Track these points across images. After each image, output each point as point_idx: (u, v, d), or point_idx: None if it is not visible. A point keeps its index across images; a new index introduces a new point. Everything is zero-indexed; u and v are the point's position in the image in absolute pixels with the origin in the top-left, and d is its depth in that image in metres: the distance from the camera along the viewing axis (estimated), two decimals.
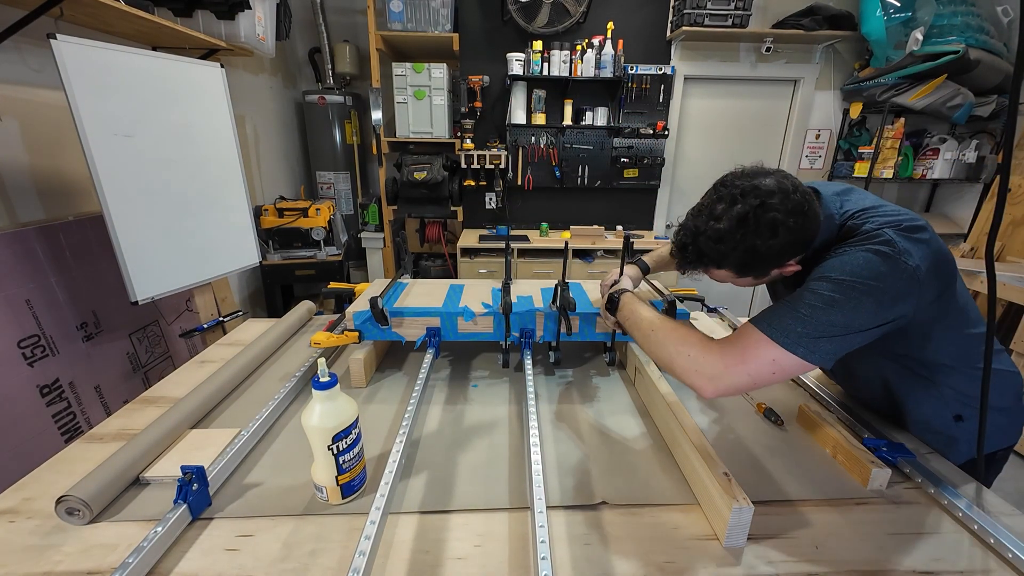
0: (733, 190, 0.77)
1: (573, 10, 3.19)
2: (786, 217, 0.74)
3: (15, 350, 1.58)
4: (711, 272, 0.86)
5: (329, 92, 3.42)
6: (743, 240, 0.75)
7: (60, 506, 0.71)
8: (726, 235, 0.76)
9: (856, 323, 0.73)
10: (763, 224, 0.74)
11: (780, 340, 0.74)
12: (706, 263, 0.83)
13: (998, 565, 0.68)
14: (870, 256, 0.74)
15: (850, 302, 0.72)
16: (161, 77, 1.76)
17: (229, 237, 2.09)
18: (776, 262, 0.80)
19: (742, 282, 0.88)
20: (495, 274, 3.31)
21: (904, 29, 2.94)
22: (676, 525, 0.74)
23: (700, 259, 0.82)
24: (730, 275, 0.85)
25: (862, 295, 0.72)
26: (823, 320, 0.73)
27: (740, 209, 0.75)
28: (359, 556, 0.60)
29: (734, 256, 0.78)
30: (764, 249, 0.76)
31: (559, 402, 1.09)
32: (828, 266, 0.76)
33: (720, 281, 0.89)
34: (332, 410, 0.73)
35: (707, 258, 0.81)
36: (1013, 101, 0.63)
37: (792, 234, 0.75)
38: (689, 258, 0.83)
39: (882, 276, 0.72)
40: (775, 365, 0.75)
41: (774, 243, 0.75)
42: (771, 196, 0.74)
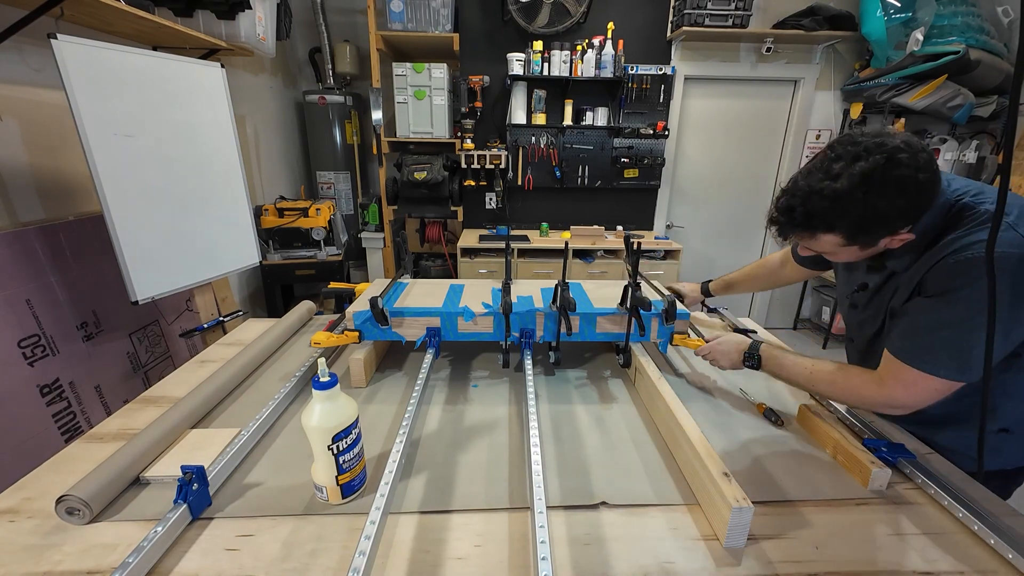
0: (853, 147, 0.71)
1: (573, 10, 3.19)
2: (915, 172, 0.68)
3: (15, 350, 1.58)
4: (816, 240, 0.80)
5: (329, 92, 3.42)
6: (865, 199, 0.69)
7: (60, 506, 0.71)
8: (845, 194, 0.70)
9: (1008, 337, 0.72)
10: (890, 181, 0.68)
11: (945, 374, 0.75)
12: (816, 226, 0.76)
13: (998, 566, 0.68)
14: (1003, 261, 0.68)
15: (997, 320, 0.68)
16: (161, 77, 1.76)
17: (229, 237, 2.09)
18: (894, 226, 0.74)
19: (842, 254, 0.82)
20: (495, 274, 3.31)
21: (904, 29, 2.94)
22: (676, 525, 0.74)
23: (809, 222, 0.76)
24: (837, 243, 0.78)
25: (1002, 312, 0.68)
26: (978, 344, 0.70)
27: (864, 166, 0.69)
28: (359, 556, 0.60)
29: (851, 217, 0.72)
30: (887, 209, 0.70)
31: (559, 402, 1.09)
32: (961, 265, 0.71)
33: (818, 252, 0.85)
34: (332, 410, 0.73)
35: (818, 220, 0.75)
36: (1013, 101, 0.63)
37: (920, 194, 0.70)
38: (797, 221, 0.76)
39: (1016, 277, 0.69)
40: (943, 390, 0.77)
41: (900, 203, 0.70)
42: (899, 152, 0.68)
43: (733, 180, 3.81)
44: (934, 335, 0.76)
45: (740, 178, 3.81)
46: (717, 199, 3.86)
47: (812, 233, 0.79)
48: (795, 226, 0.79)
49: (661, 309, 1.15)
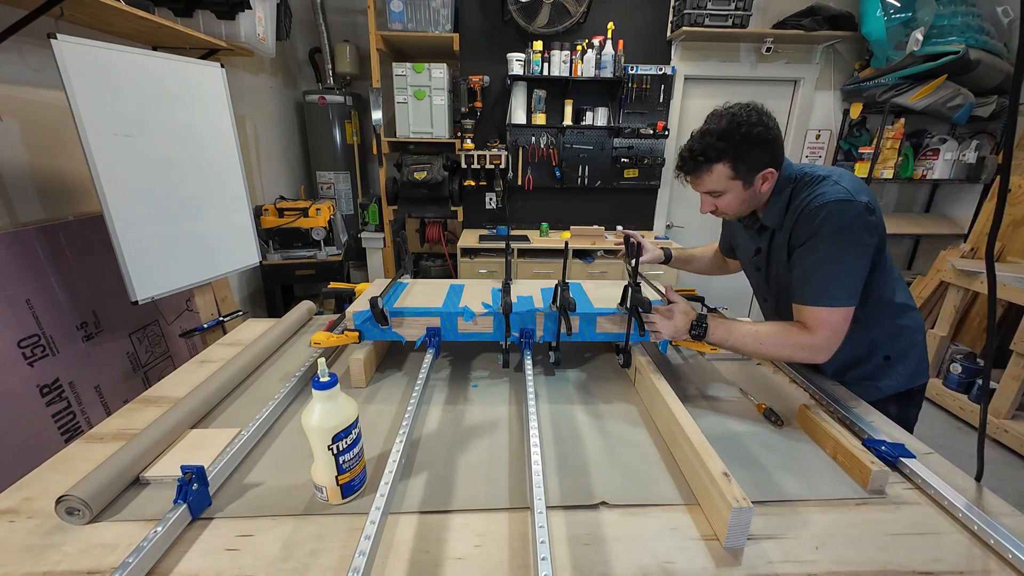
0: (727, 110, 1.02)
1: (573, 10, 3.19)
2: (768, 126, 0.99)
3: (15, 350, 1.58)
4: (711, 173, 1.04)
5: (329, 92, 3.42)
6: (741, 135, 0.98)
7: (60, 506, 0.71)
8: (726, 132, 0.99)
9: (865, 262, 0.98)
10: (754, 126, 0.98)
11: (840, 303, 0.96)
12: (710, 158, 1.02)
13: (998, 566, 0.68)
14: (838, 205, 0.96)
15: (854, 249, 0.96)
16: (161, 77, 1.76)
17: (229, 237, 2.09)
18: (761, 161, 1.01)
19: (731, 194, 1.06)
20: (495, 274, 3.31)
21: (904, 29, 2.94)
22: (676, 525, 0.74)
23: (705, 154, 1.02)
24: (727, 175, 1.03)
25: (856, 242, 0.96)
26: (849, 271, 0.96)
27: (736, 117, 0.99)
28: (359, 556, 0.60)
29: (733, 149, 0.99)
30: (755, 146, 0.98)
31: (559, 402, 1.09)
32: (817, 212, 0.98)
33: (712, 191, 1.08)
34: (332, 410, 0.73)
35: (711, 152, 1.01)
36: (1013, 101, 0.63)
37: (773, 140, 1.00)
38: (696, 155, 1.02)
39: (855, 218, 0.95)
40: (845, 318, 0.97)
41: (762, 145, 0.98)
42: (759, 113, 1.00)
43: None
44: (817, 273, 0.98)
45: None
46: None
47: (709, 167, 1.04)
48: (695, 161, 1.04)
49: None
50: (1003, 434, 2.47)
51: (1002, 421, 2.48)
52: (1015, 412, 2.50)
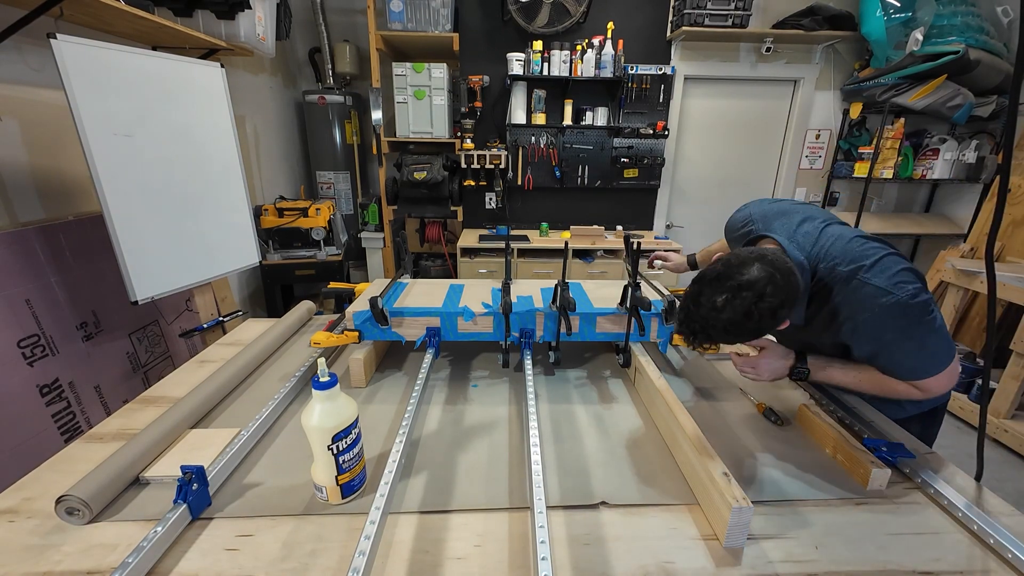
0: (731, 282, 0.85)
1: (573, 10, 3.19)
2: (781, 303, 0.85)
3: (15, 350, 1.58)
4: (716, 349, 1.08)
5: (329, 92, 3.42)
6: (747, 325, 0.86)
7: (60, 506, 0.71)
8: (733, 326, 0.86)
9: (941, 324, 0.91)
10: (764, 312, 0.84)
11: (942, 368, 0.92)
12: (716, 341, 0.93)
13: (998, 565, 0.68)
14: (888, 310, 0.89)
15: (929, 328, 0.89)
16: (161, 77, 1.76)
17: (229, 237, 2.09)
18: (774, 328, 0.90)
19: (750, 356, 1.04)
20: (495, 274, 3.31)
21: (904, 29, 2.94)
22: (676, 525, 0.74)
23: (709, 340, 0.93)
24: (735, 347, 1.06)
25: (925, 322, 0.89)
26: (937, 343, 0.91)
27: (741, 305, 0.84)
28: (359, 556, 0.60)
29: (741, 336, 0.90)
30: (767, 328, 0.88)
31: (559, 402, 1.09)
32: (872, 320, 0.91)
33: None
34: (332, 410, 0.73)
35: (717, 338, 0.92)
36: (1013, 101, 0.63)
37: (785, 310, 0.87)
38: (700, 340, 0.93)
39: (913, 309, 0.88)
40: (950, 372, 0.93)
41: (774, 323, 0.87)
42: (765, 287, 0.84)
43: (733, 180, 3.81)
44: (923, 354, 0.92)
45: (740, 178, 3.81)
46: (717, 199, 3.86)
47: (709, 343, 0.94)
48: (699, 343, 0.94)
49: (661, 309, 1.15)
50: (1003, 434, 2.47)
51: (1002, 421, 2.48)
52: (1015, 412, 2.50)
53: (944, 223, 3.66)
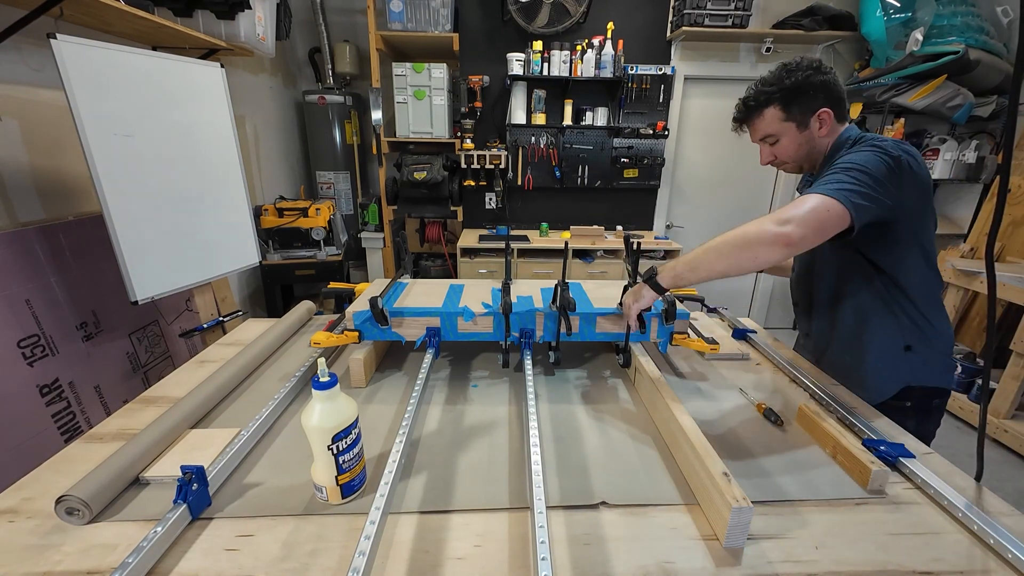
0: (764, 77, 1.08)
1: (573, 10, 3.19)
2: (823, 66, 1.02)
3: (15, 350, 1.58)
4: (763, 118, 1.11)
5: (329, 92, 3.42)
6: (790, 76, 1.03)
7: (60, 506, 0.71)
8: (776, 77, 1.05)
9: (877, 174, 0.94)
10: (804, 64, 1.02)
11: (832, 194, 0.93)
12: (761, 103, 1.08)
13: (998, 565, 0.68)
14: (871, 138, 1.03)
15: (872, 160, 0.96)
16: (161, 77, 1.76)
17: (229, 237, 2.09)
18: (815, 101, 1.04)
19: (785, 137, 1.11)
20: (495, 274, 3.31)
21: (904, 29, 2.94)
22: (676, 525, 0.74)
23: (757, 101, 1.08)
24: (778, 117, 1.09)
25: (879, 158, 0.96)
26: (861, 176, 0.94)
27: (787, 61, 1.06)
28: (359, 556, 0.60)
29: (783, 90, 1.04)
30: (806, 83, 1.02)
31: (559, 402, 1.09)
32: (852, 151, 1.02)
33: (765, 139, 1.14)
34: (332, 410, 0.73)
35: (762, 97, 1.07)
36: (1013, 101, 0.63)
37: (828, 82, 1.03)
38: (750, 104, 1.10)
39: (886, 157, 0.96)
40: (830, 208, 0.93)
41: (814, 80, 1.02)
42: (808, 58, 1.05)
43: (733, 180, 3.81)
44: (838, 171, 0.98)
45: (740, 178, 3.81)
46: (717, 199, 3.86)
47: (760, 112, 1.10)
48: (747, 108, 1.11)
49: (661, 309, 1.15)
50: (1003, 434, 2.47)
51: (1002, 421, 2.48)
52: (1015, 412, 2.50)
53: (944, 223, 3.66)
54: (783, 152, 1.14)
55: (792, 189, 3.77)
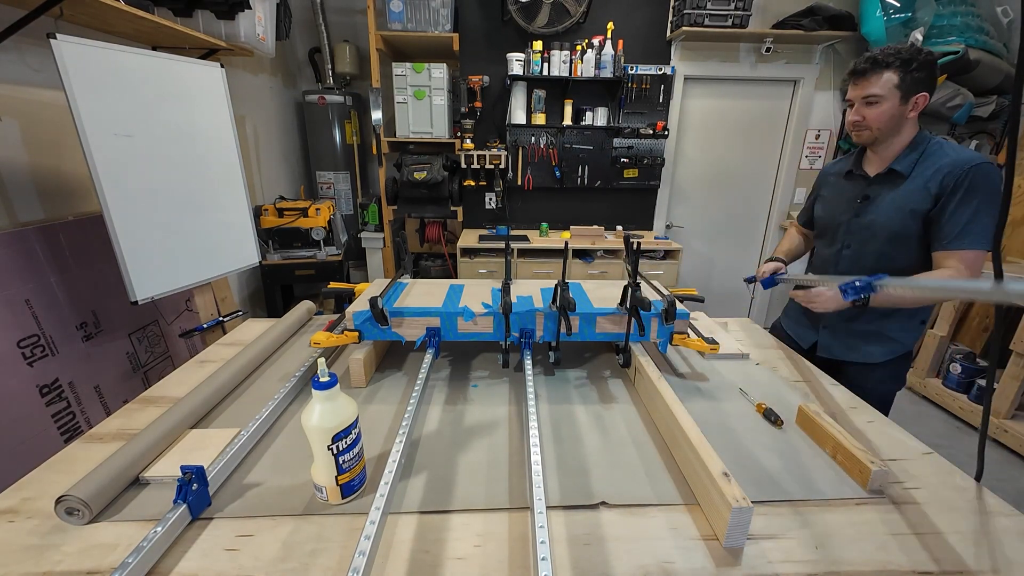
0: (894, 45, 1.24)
1: (573, 10, 3.19)
2: (936, 58, 1.21)
3: (15, 350, 1.58)
4: (880, 77, 1.21)
5: (329, 92, 3.42)
6: (918, 53, 1.19)
7: (60, 506, 0.71)
8: (905, 48, 1.20)
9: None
10: (927, 51, 1.21)
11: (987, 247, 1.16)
12: (884, 64, 1.20)
13: (998, 566, 0.68)
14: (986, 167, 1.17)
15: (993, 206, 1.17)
16: (161, 77, 1.76)
17: (229, 237, 2.09)
18: (922, 83, 1.20)
19: (886, 103, 1.23)
20: (495, 274, 3.31)
21: (904, 29, 2.94)
22: (676, 525, 0.74)
23: (882, 59, 1.20)
24: (892, 83, 1.21)
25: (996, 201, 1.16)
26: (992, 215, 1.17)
27: (913, 44, 1.30)
28: (359, 556, 0.60)
29: (904, 60, 1.19)
30: (919, 66, 1.19)
31: (559, 402, 1.09)
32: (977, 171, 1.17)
33: (868, 99, 1.24)
34: (332, 410, 0.73)
35: (888, 59, 1.20)
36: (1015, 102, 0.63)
37: (935, 75, 1.22)
38: (876, 59, 1.21)
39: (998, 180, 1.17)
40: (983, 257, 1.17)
41: (925, 70, 1.19)
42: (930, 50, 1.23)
43: (733, 180, 3.81)
44: (974, 221, 1.16)
45: (740, 178, 3.81)
46: (717, 199, 3.86)
47: (880, 71, 1.21)
48: (872, 62, 1.22)
49: (661, 309, 1.15)
50: (1003, 434, 2.47)
51: (1002, 421, 2.48)
52: (1015, 412, 2.50)
53: None
54: (876, 117, 1.24)
55: (791, 191, 3.77)
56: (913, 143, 1.26)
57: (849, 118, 1.31)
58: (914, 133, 1.27)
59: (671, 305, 1.14)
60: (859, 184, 1.37)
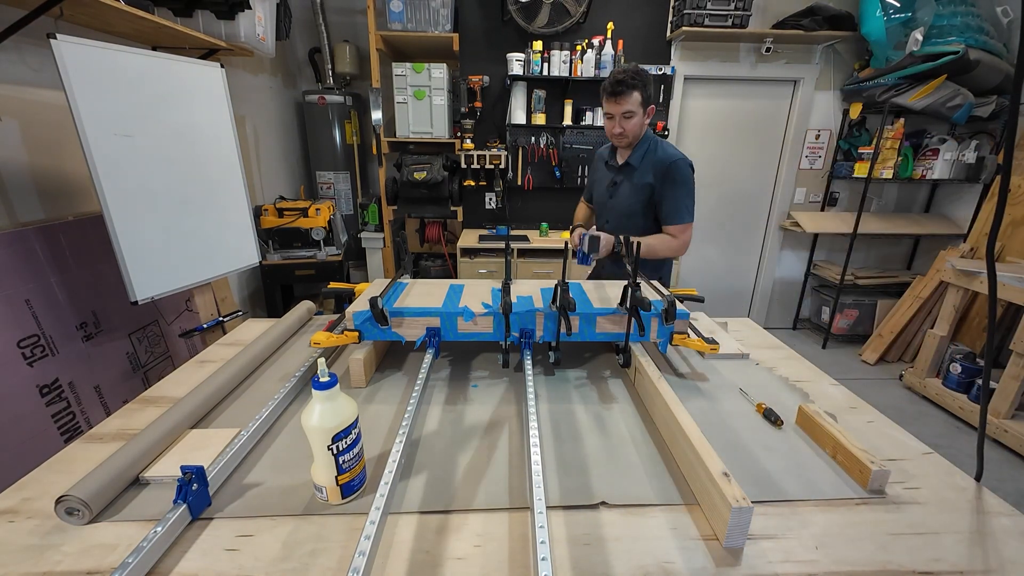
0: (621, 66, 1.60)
1: (573, 10, 3.19)
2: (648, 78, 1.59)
3: (15, 350, 1.58)
4: (631, 97, 1.56)
5: (329, 92, 3.42)
6: (643, 72, 1.56)
7: (60, 506, 0.71)
8: (637, 70, 1.56)
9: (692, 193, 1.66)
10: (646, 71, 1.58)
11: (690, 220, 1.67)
12: (633, 86, 1.54)
13: (997, 565, 0.68)
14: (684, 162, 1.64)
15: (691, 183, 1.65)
16: (161, 77, 1.76)
17: (229, 237, 2.09)
18: (652, 96, 1.60)
19: (635, 116, 1.59)
20: (495, 274, 3.31)
21: (904, 29, 2.94)
22: (676, 525, 0.74)
23: (633, 81, 1.54)
24: (638, 101, 1.57)
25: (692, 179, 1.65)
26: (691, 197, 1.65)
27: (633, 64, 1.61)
28: (359, 556, 0.60)
29: (642, 83, 1.55)
30: (650, 78, 1.57)
31: (559, 402, 1.09)
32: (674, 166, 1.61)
33: (627, 113, 1.58)
34: (332, 410, 0.73)
35: (635, 82, 1.54)
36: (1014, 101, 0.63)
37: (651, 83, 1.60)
38: (628, 83, 1.54)
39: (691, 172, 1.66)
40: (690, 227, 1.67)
41: (652, 87, 1.59)
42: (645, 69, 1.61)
43: (733, 180, 3.81)
44: (686, 200, 1.63)
45: (740, 178, 3.81)
46: (717, 199, 3.86)
47: (631, 92, 1.55)
48: (625, 85, 1.53)
49: (661, 309, 1.15)
50: (1003, 434, 2.47)
51: (1002, 421, 2.48)
52: (1015, 412, 2.50)
53: (944, 223, 3.66)
54: (632, 127, 1.60)
55: (791, 191, 3.78)
56: (642, 142, 1.66)
57: (611, 130, 1.64)
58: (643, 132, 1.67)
59: (671, 305, 1.14)
60: (612, 172, 1.77)
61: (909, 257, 4.01)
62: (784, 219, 3.84)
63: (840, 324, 3.74)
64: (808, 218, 3.71)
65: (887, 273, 3.79)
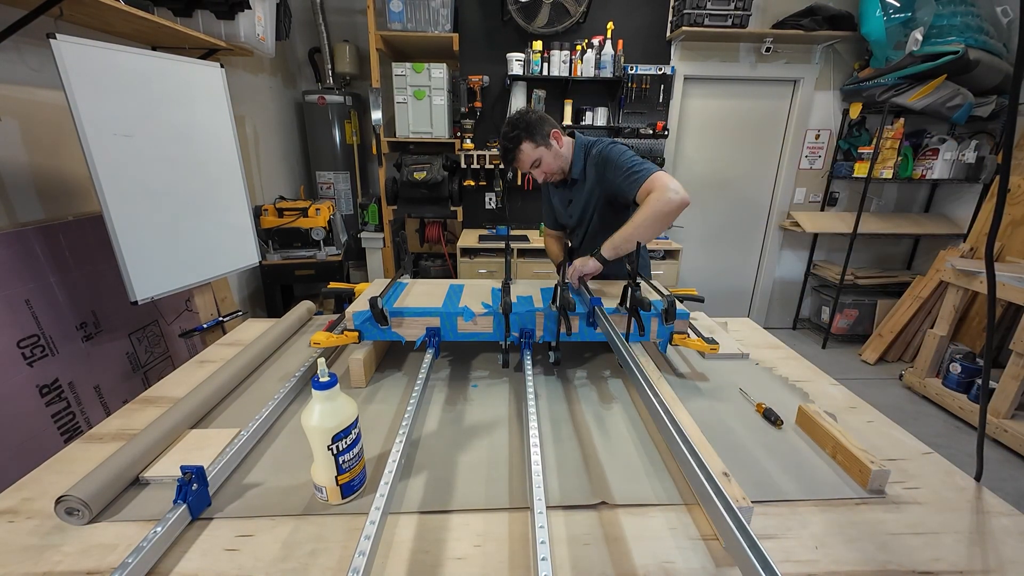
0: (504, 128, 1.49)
1: (573, 10, 3.19)
2: (532, 112, 1.49)
3: (15, 350, 1.58)
4: (523, 153, 1.47)
5: (329, 92, 3.42)
6: (525, 120, 1.46)
7: (60, 506, 0.71)
8: (512, 123, 1.46)
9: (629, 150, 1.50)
10: (522, 112, 1.48)
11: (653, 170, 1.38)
12: (516, 144, 1.46)
13: (997, 565, 0.68)
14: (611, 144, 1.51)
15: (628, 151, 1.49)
16: (161, 77, 1.76)
17: (229, 237, 2.09)
18: (542, 128, 1.47)
19: (544, 162, 1.50)
20: (495, 274, 3.31)
21: (904, 29, 2.94)
22: (676, 525, 0.74)
23: (512, 143, 1.46)
24: (531, 147, 1.46)
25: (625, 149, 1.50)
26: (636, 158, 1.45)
27: (510, 116, 1.50)
28: (359, 556, 0.60)
29: (524, 130, 1.45)
30: (531, 119, 1.46)
31: (559, 402, 1.09)
32: (602, 154, 1.50)
33: (533, 163, 1.49)
34: (332, 410, 0.73)
35: (517, 137, 1.45)
36: (1013, 101, 0.63)
37: (541, 116, 1.48)
38: (506, 149, 1.48)
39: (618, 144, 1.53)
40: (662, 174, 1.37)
41: (533, 117, 1.46)
42: (519, 111, 1.50)
43: (732, 180, 3.81)
44: (631, 163, 1.42)
45: (740, 178, 3.81)
46: (717, 199, 3.86)
47: (519, 149, 1.46)
48: (510, 152, 1.48)
49: (661, 309, 1.15)
50: (1003, 434, 2.47)
51: (1002, 421, 2.48)
52: (1015, 412, 2.50)
53: (944, 223, 3.66)
54: (548, 168, 1.51)
55: (791, 191, 3.78)
56: (575, 157, 1.55)
57: (538, 179, 1.59)
58: (572, 147, 1.55)
59: (671, 305, 1.14)
60: (564, 191, 1.68)
61: (909, 257, 4.01)
62: (784, 219, 3.84)
63: (840, 324, 3.74)
64: (808, 218, 3.71)
65: (887, 273, 3.79)
